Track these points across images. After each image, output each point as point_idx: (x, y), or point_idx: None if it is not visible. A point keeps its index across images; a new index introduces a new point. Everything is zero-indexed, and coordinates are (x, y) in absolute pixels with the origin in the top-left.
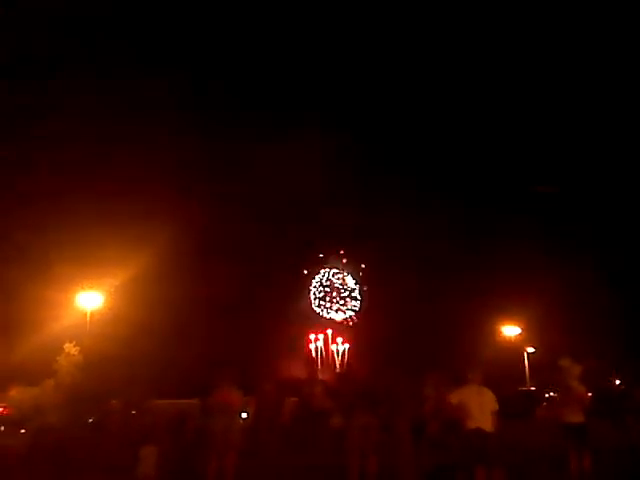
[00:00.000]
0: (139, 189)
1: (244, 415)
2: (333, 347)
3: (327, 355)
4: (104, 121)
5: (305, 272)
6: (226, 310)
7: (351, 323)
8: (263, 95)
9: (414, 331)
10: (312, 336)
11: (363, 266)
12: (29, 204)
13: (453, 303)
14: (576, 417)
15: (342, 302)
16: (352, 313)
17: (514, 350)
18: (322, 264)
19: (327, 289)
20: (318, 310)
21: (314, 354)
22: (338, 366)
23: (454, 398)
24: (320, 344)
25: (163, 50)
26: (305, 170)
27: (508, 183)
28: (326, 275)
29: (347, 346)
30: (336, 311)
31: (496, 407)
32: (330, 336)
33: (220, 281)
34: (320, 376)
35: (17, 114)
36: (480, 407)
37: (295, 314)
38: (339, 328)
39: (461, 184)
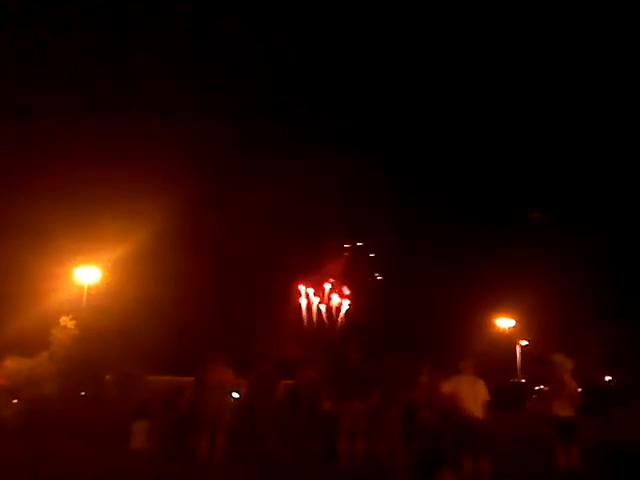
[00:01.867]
0: (139, 164)
1: (236, 395)
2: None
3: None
4: (105, 95)
5: None
6: (222, 286)
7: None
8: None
9: (409, 321)
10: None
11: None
12: (28, 178)
13: (447, 294)
14: (566, 411)
15: None
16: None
17: (507, 342)
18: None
19: None
20: None
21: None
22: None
23: (447, 387)
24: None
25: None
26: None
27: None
28: None
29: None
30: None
31: (488, 397)
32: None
33: (217, 258)
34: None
35: (17, 86)
36: (473, 397)
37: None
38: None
39: (459, 182)
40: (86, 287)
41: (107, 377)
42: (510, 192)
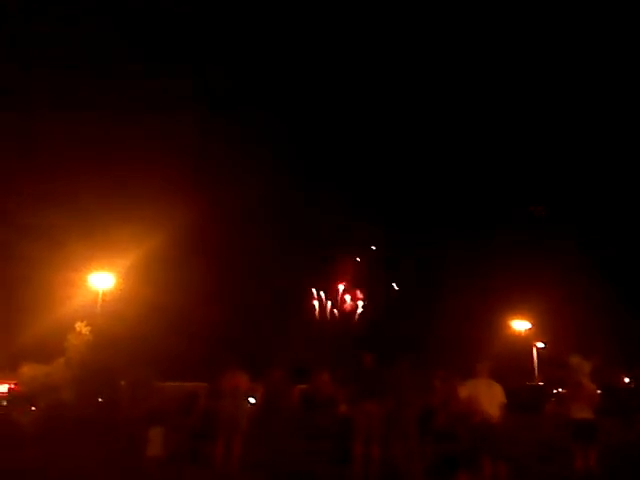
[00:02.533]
0: (153, 171)
1: (252, 400)
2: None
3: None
4: (120, 103)
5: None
6: (236, 292)
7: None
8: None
9: (424, 323)
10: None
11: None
12: (42, 185)
13: (464, 297)
14: (585, 413)
15: None
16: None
17: (523, 345)
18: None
19: None
20: None
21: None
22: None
23: (464, 391)
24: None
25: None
26: None
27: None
28: None
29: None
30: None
31: (504, 400)
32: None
33: (230, 263)
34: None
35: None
36: (489, 400)
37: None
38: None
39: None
40: (100, 293)
41: (122, 383)
42: (524, 195)
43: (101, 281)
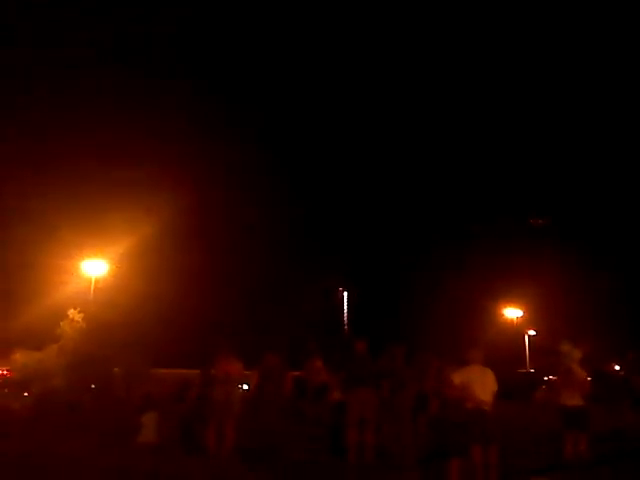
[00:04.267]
0: (147, 159)
1: (245, 387)
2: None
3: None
4: (113, 90)
5: None
6: (229, 279)
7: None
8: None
9: (417, 310)
10: None
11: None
12: (36, 171)
13: (456, 284)
14: (575, 401)
15: None
16: None
17: (515, 332)
18: None
19: None
20: None
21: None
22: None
23: (457, 377)
24: None
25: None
26: None
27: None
28: None
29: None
30: None
31: (496, 387)
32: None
33: (224, 249)
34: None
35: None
36: (482, 387)
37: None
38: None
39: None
40: (93, 280)
41: (115, 370)
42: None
43: (94, 268)
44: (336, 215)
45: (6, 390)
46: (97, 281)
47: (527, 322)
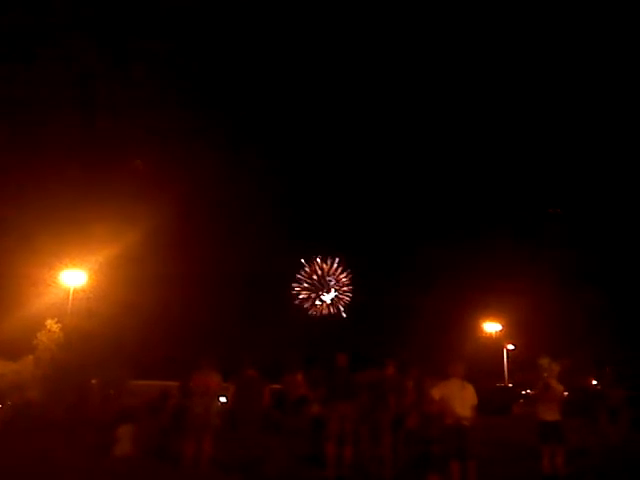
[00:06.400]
0: (125, 167)
1: (223, 399)
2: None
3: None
4: (94, 95)
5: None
6: (210, 290)
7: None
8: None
9: (396, 324)
10: None
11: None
12: (12, 178)
13: (436, 299)
14: (552, 415)
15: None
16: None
17: (494, 346)
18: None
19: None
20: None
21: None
22: None
23: (437, 392)
24: None
25: None
26: None
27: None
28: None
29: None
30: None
31: (475, 402)
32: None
33: (205, 261)
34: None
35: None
36: (462, 402)
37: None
38: None
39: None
40: (72, 290)
41: (93, 381)
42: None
43: (72, 278)
44: (319, 232)
45: None
46: (75, 291)
47: (506, 336)
